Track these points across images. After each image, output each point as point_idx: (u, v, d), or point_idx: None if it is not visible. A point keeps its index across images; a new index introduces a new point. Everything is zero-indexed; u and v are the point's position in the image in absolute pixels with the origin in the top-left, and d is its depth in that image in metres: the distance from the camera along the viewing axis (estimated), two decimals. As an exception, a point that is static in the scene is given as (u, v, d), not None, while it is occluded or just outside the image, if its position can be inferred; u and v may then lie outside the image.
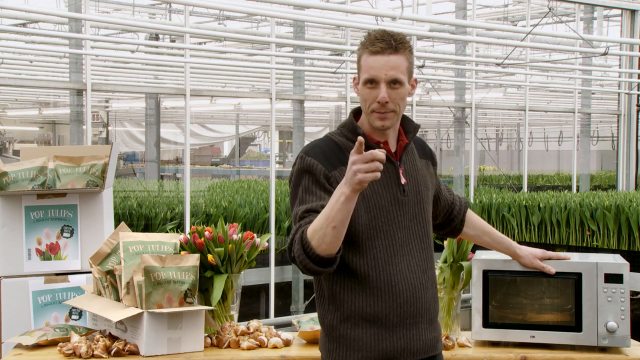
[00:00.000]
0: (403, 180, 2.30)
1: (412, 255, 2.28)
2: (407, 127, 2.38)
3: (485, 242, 2.71)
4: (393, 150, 2.33)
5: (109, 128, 20.19)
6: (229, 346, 2.71)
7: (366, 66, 2.23)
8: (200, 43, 12.18)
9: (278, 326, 5.31)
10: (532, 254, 2.74)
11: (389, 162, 2.29)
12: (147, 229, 7.56)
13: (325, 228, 2.06)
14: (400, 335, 2.24)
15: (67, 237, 3.15)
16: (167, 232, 7.05)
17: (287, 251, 2.19)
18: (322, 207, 2.12)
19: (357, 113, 2.37)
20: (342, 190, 2.03)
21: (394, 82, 2.22)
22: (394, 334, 2.23)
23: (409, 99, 2.33)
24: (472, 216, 2.68)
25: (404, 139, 2.36)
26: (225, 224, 2.88)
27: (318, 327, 2.79)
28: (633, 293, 7.54)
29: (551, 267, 2.72)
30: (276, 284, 7.54)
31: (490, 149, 27.70)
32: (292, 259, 2.16)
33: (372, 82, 2.23)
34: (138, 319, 2.58)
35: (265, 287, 7.66)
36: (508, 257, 2.80)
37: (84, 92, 6.44)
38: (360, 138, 1.99)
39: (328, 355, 2.27)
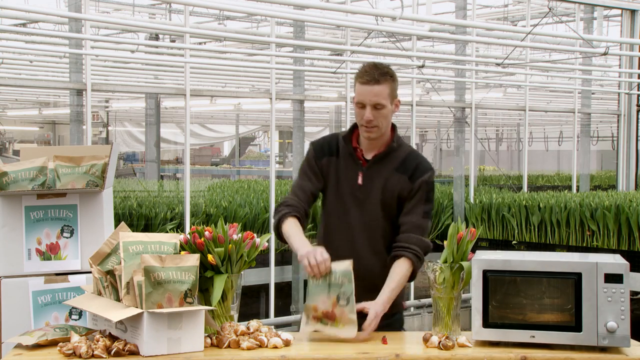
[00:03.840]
0: (360, 181, 3.10)
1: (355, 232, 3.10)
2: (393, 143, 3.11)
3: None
4: (369, 157, 3.12)
5: (109, 128, 20.18)
6: (229, 346, 2.71)
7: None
8: (200, 43, 12.18)
9: (278, 326, 5.32)
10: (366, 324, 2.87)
11: (357, 164, 3.12)
12: (147, 229, 7.55)
13: (289, 240, 3.04)
14: None
15: (67, 237, 3.15)
16: (167, 232, 7.05)
17: (275, 213, 3.11)
18: (301, 186, 3.14)
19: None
20: (299, 251, 2.92)
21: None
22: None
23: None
24: (397, 265, 3.02)
25: (380, 150, 3.10)
26: (225, 224, 2.88)
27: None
28: (633, 293, 7.54)
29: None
30: (276, 284, 7.54)
31: (490, 149, 27.71)
32: (277, 221, 3.08)
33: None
34: (138, 319, 2.58)
35: (265, 287, 7.66)
36: (508, 257, 2.80)
37: (84, 92, 6.43)
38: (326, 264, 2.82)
39: None
